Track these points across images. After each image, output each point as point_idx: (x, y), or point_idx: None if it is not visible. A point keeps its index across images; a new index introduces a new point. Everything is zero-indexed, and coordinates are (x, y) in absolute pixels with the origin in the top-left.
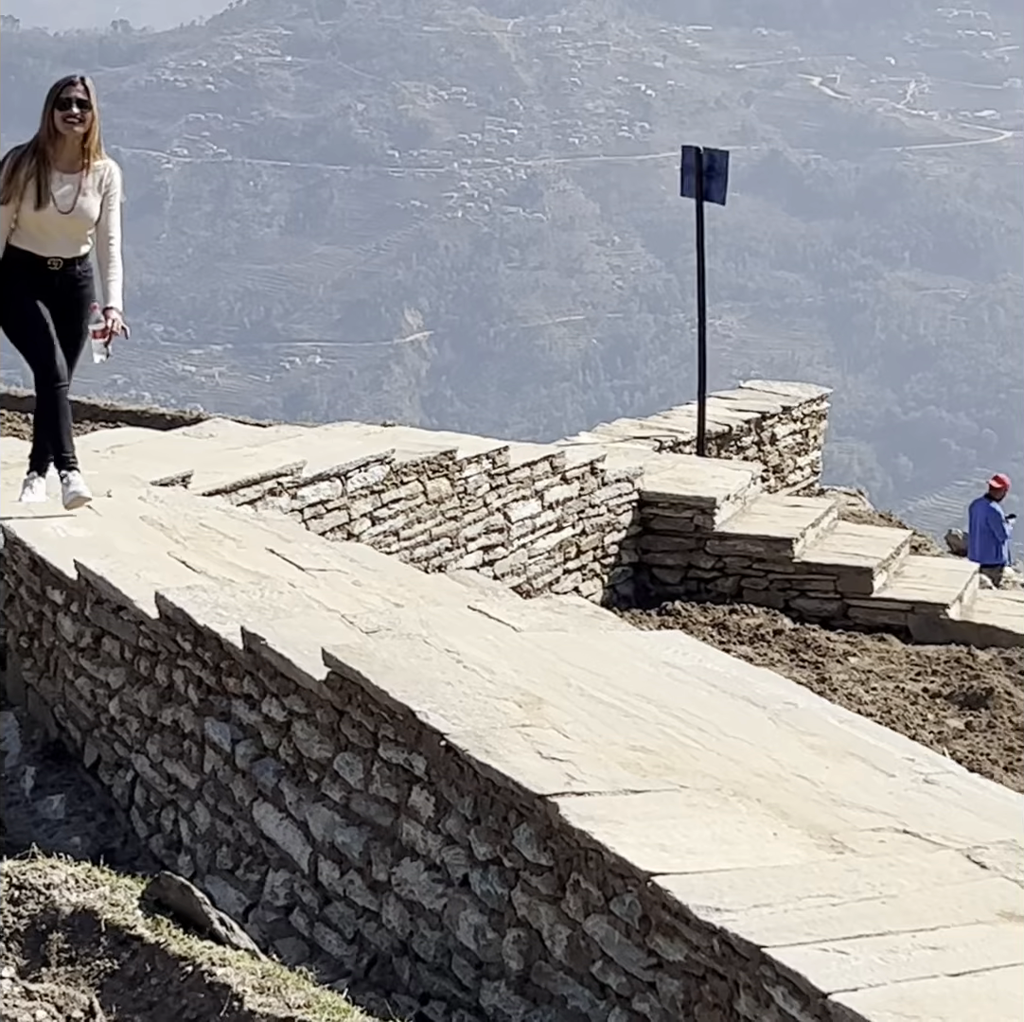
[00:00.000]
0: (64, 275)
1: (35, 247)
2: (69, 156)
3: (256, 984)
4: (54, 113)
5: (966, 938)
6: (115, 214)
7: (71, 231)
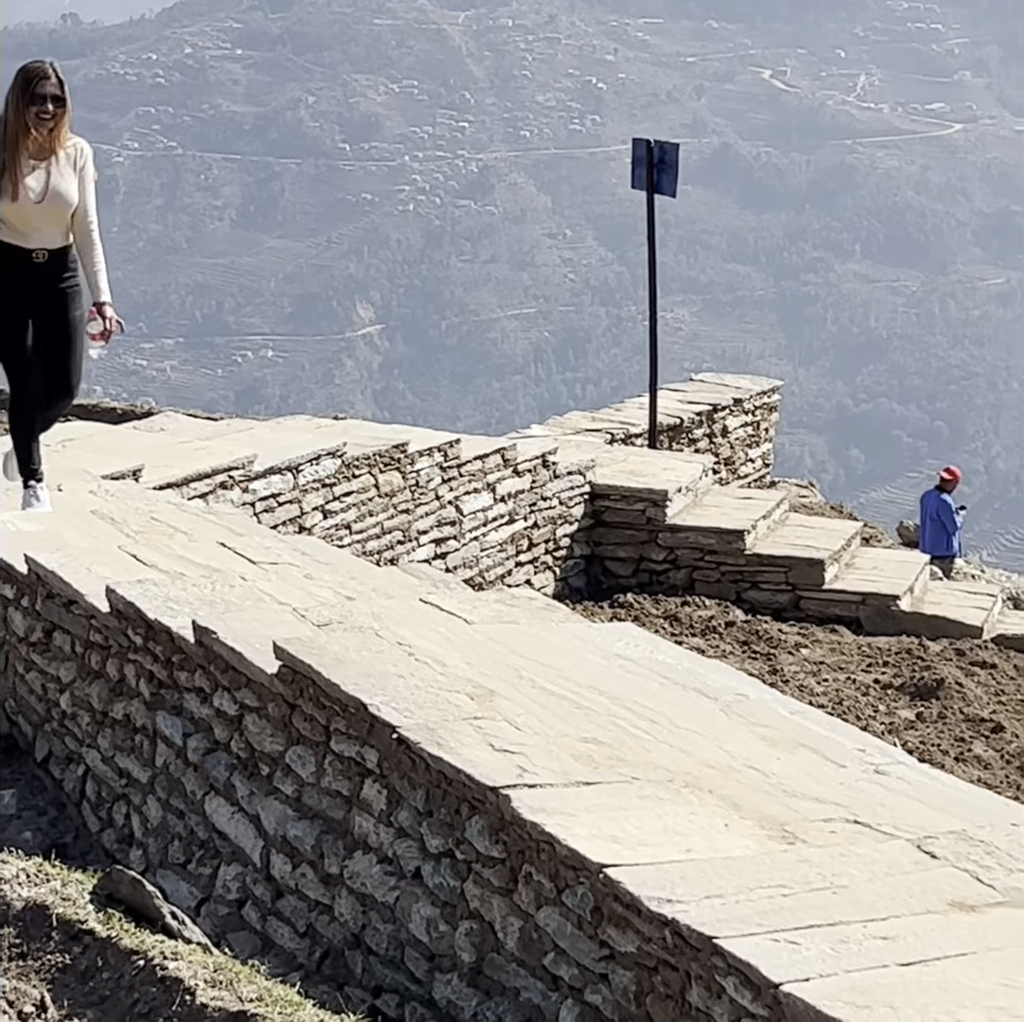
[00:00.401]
0: (50, 267)
1: (19, 239)
2: (39, 144)
3: (208, 978)
4: (27, 107)
5: (917, 928)
6: (90, 194)
7: (52, 220)
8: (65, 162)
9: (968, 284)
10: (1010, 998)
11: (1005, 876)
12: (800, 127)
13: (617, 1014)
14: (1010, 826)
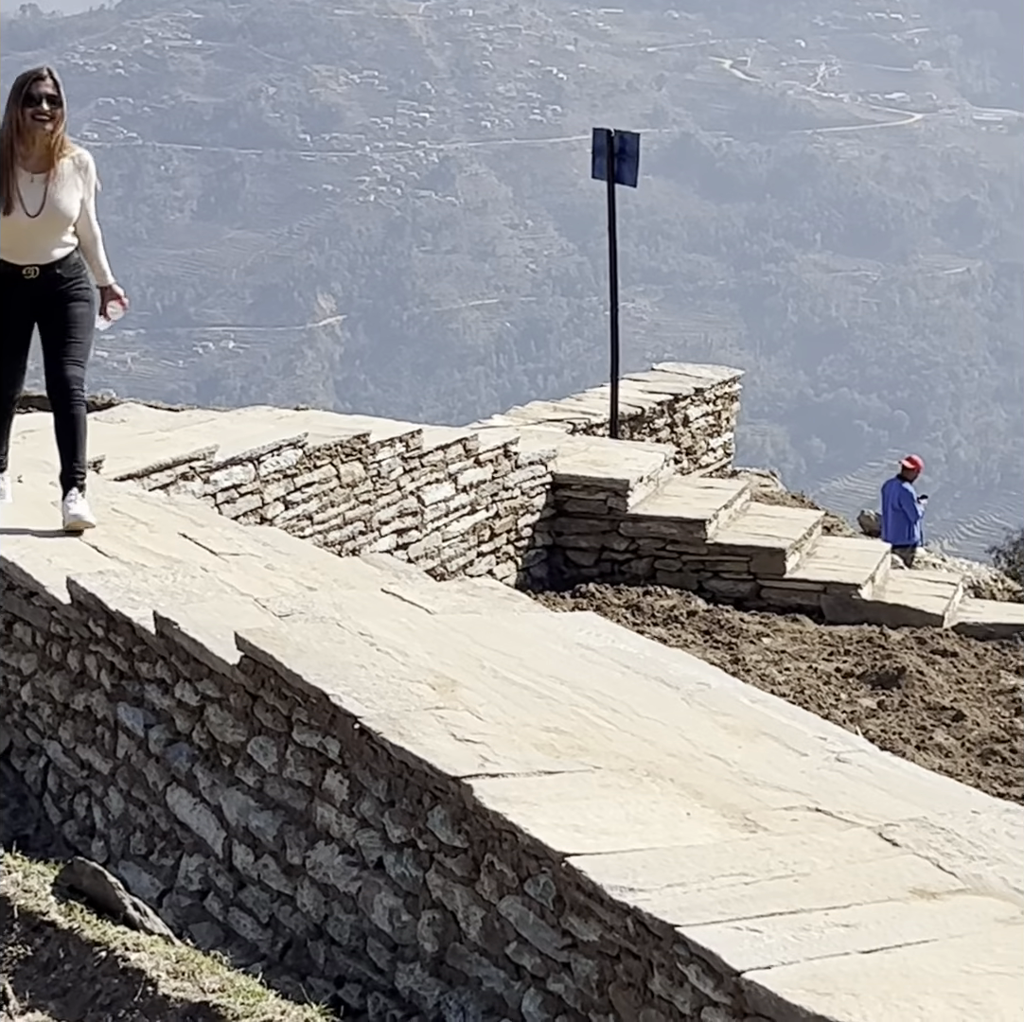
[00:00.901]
0: (43, 284)
1: (8, 255)
2: (38, 154)
3: (170, 969)
4: (22, 110)
5: (878, 915)
6: (93, 208)
7: (45, 234)
8: (67, 173)
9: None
10: (970, 984)
11: (966, 863)
12: (760, 117)
13: (580, 1003)
14: (971, 814)
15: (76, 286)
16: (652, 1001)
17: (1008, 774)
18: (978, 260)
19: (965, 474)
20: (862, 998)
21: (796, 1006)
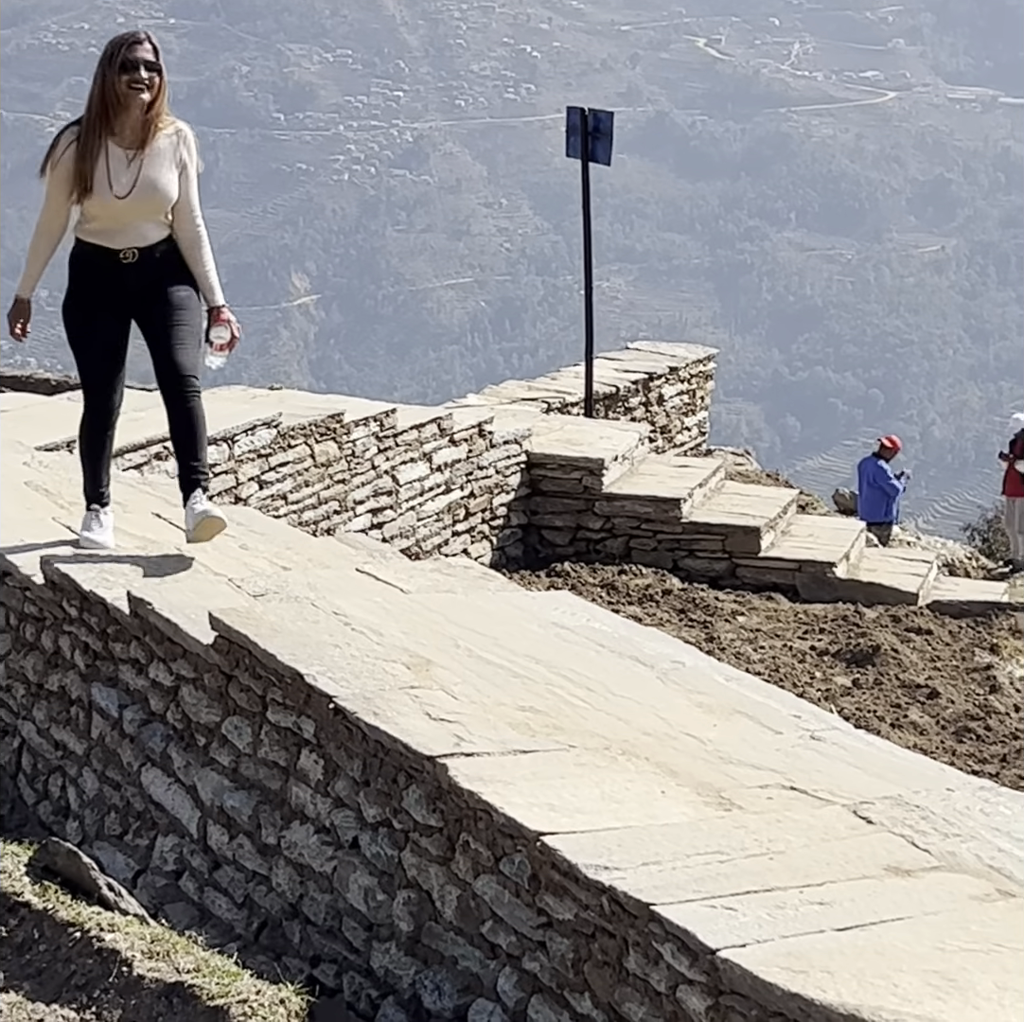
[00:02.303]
0: (141, 268)
1: (104, 239)
2: (133, 127)
3: (145, 949)
4: (115, 77)
5: (853, 893)
6: (194, 189)
7: (142, 216)
8: (165, 150)
9: (903, 252)
10: (945, 962)
11: (940, 841)
12: (735, 95)
13: (555, 981)
14: (945, 791)
15: (177, 270)
16: (627, 979)
17: (982, 751)
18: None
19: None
20: (837, 975)
21: (771, 984)
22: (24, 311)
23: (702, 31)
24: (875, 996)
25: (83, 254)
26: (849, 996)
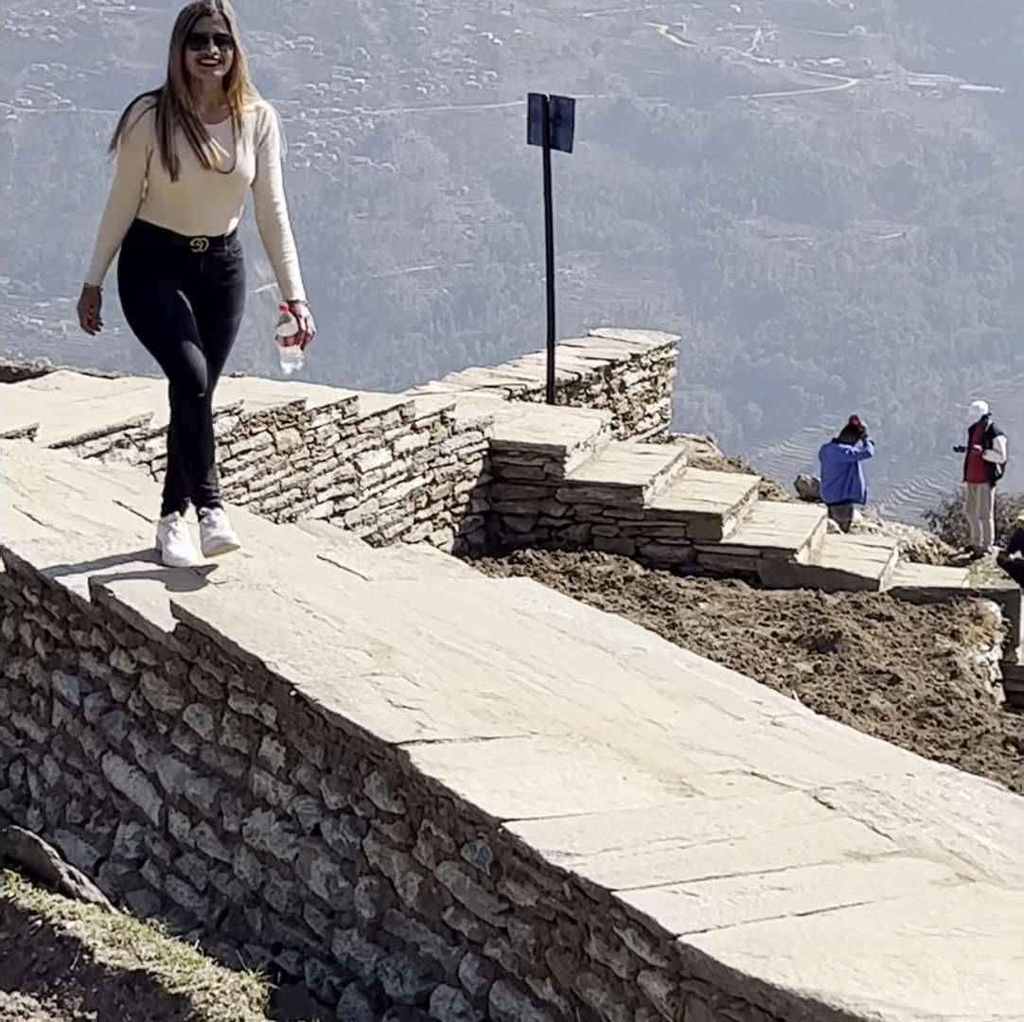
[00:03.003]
0: (210, 259)
1: (176, 224)
2: (208, 101)
3: (107, 937)
4: (185, 52)
5: (813, 878)
6: (276, 172)
7: (218, 200)
8: (244, 128)
9: (864, 239)
10: (905, 946)
11: (901, 826)
12: (696, 83)
13: (516, 967)
14: (905, 776)
15: (236, 277)
16: (589, 965)
17: (943, 737)
18: (913, 225)
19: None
20: (797, 960)
21: (732, 969)
22: (93, 299)
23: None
24: (835, 981)
25: (148, 238)
26: (810, 981)
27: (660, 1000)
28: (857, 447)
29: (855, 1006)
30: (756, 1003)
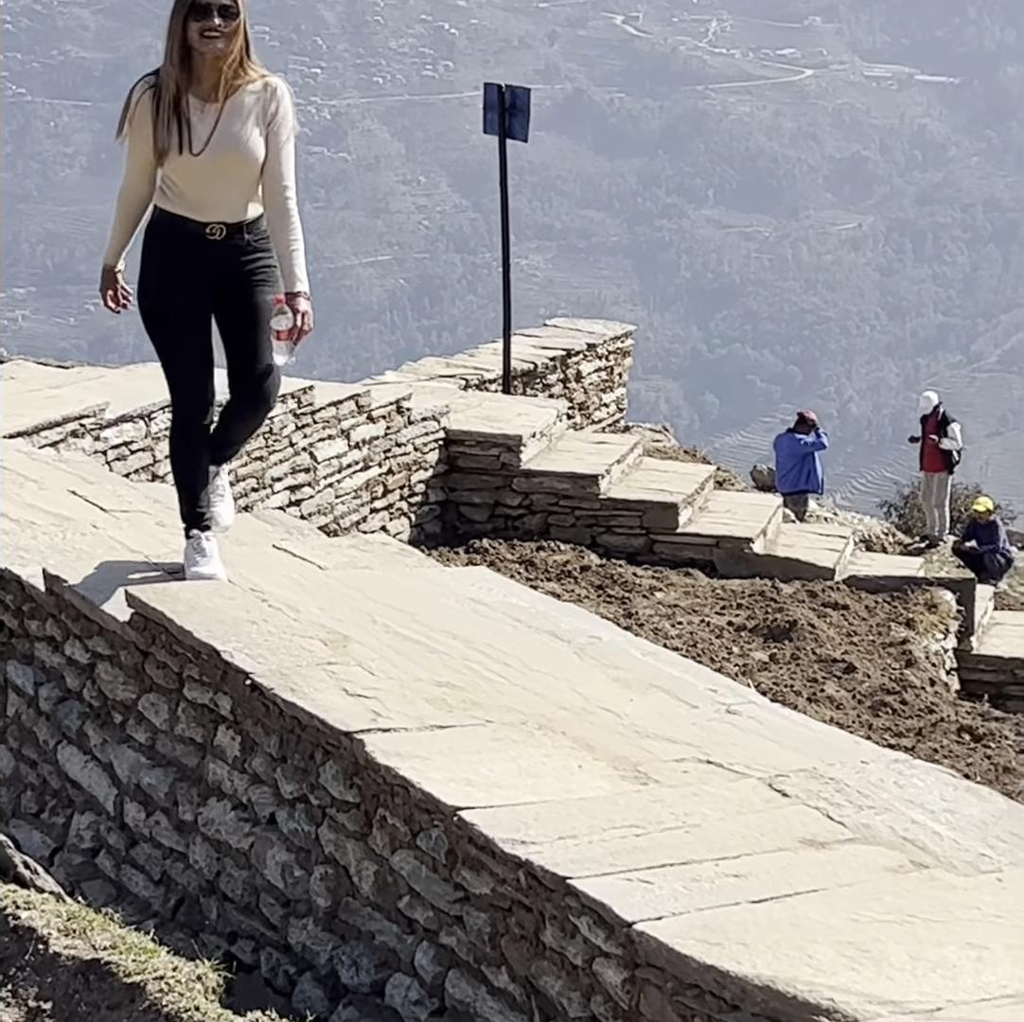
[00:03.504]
0: (228, 247)
1: (189, 209)
2: (210, 79)
3: (62, 926)
4: (187, 24)
5: (768, 865)
6: (286, 153)
7: (226, 181)
8: (248, 104)
9: (820, 229)
10: (859, 933)
11: (855, 813)
12: (653, 73)
13: (472, 956)
14: (860, 764)
15: (261, 261)
16: (544, 953)
17: (899, 725)
18: (869, 216)
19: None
20: (752, 947)
21: (687, 956)
22: (109, 280)
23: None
24: (790, 967)
25: (163, 225)
26: (764, 967)
27: (615, 987)
28: (811, 438)
29: (809, 992)
30: (711, 990)
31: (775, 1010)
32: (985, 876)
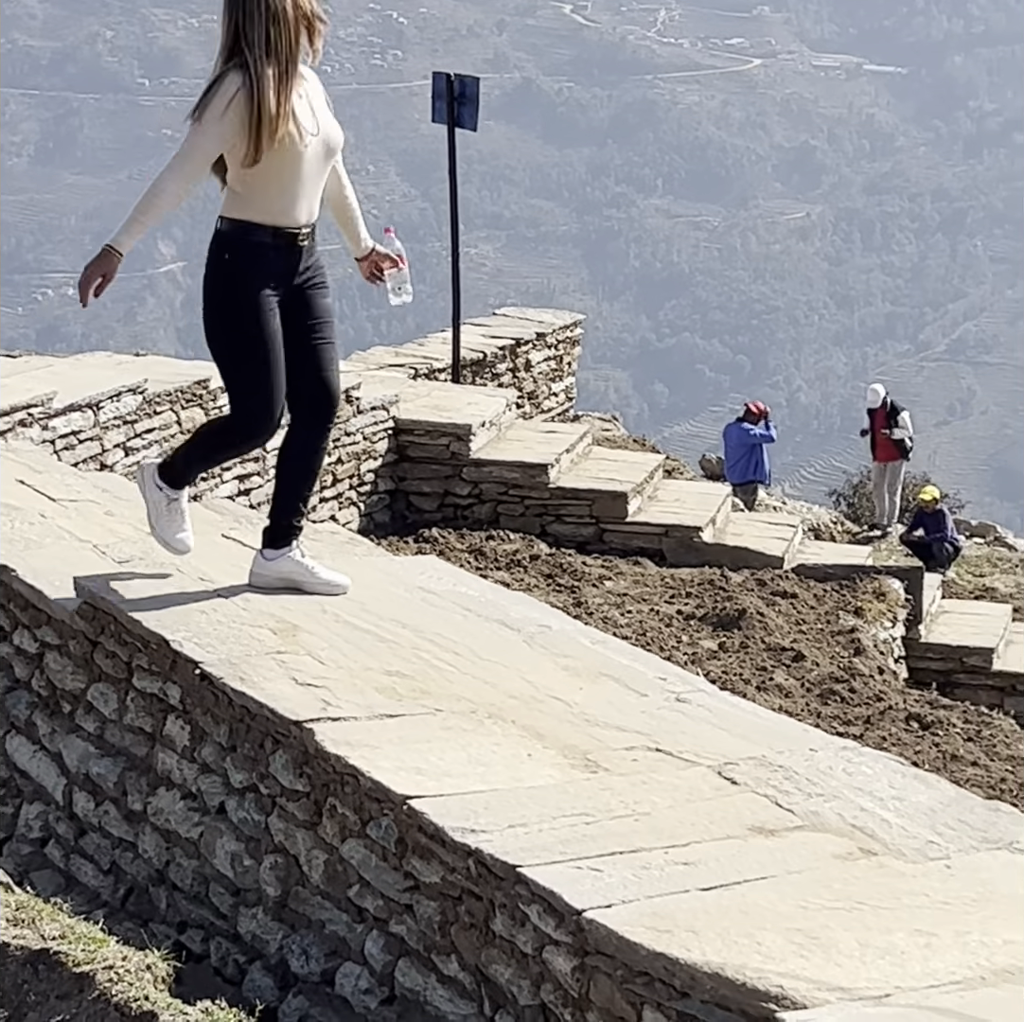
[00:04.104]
0: (307, 252)
1: (283, 217)
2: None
3: (10, 917)
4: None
5: (717, 853)
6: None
7: (322, 170)
8: (315, 87)
9: (768, 219)
10: (808, 920)
11: (804, 800)
12: (601, 62)
13: (422, 944)
14: (808, 751)
15: (320, 263)
16: (494, 941)
17: (847, 713)
18: (817, 205)
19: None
20: (701, 935)
21: (636, 944)
22: (112, 267)
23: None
24: (739, 954)
25: (245, 237)
26: (713, 955)
27: (565, 975)
28: (760, 429)
29: (758, 979)
30: (660, 977)
31: (724, 997)
32: (933, 863)
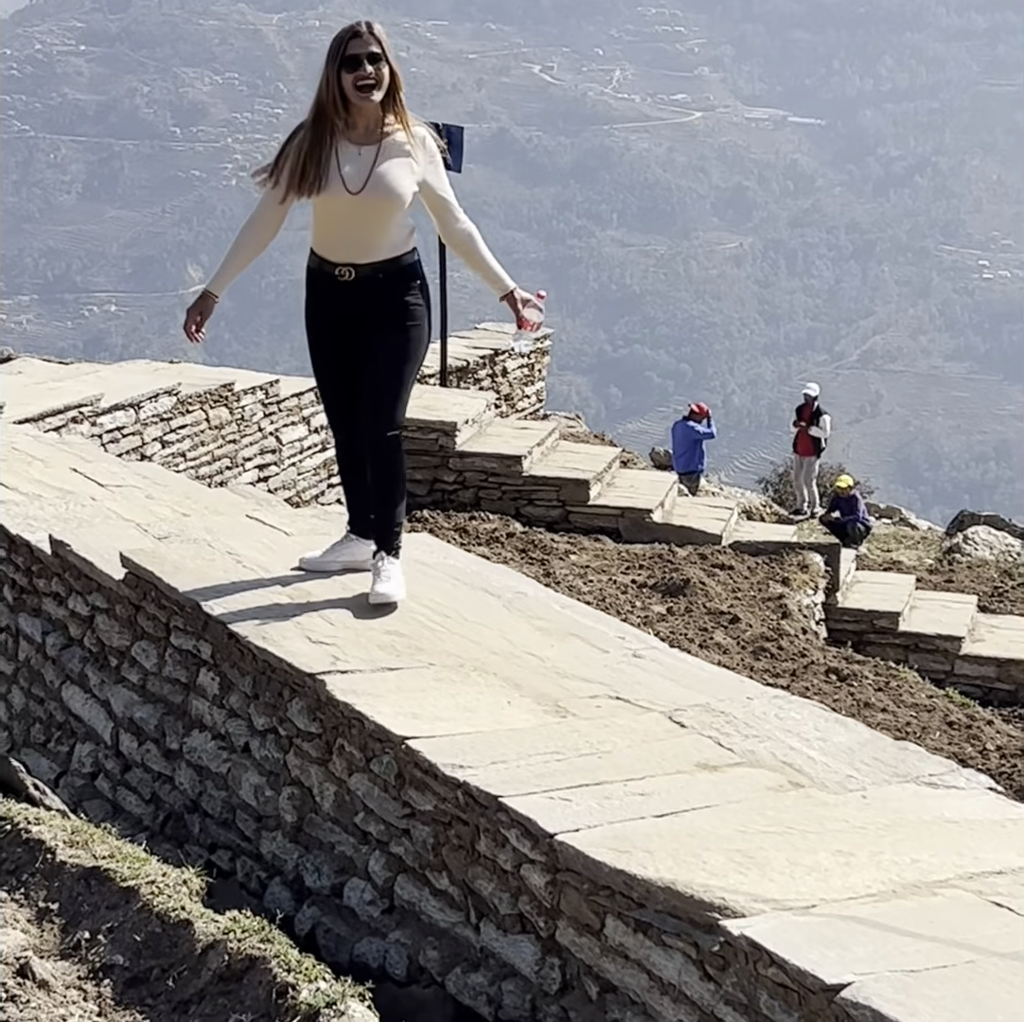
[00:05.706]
0: (361, 289)
1: (326, 250)
2: (364, 124)
3: (67, 839)
4: (340, 76)
5: (669, 785)
6: (447, 184)
7: (365, 221)
8: (400, 147)
9: (707, 248)
10: (746, 842)
11: (742, 741)
12: (565, 114)
13: (417, 862)
14: (746, 699)
15: (400, 300)
16: (479, 860)
17: (776, 667)
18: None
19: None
20: (655, 855)
21: (600, 862)
22: (204, 307)
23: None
24: (688, 871)
25: (310, 267)
26: (666, 872)
27: (539, 889)
28: (703, 427)
29: (704, 893)
30: (621, 891)
31: (675, 908)
32: (852, 794)
